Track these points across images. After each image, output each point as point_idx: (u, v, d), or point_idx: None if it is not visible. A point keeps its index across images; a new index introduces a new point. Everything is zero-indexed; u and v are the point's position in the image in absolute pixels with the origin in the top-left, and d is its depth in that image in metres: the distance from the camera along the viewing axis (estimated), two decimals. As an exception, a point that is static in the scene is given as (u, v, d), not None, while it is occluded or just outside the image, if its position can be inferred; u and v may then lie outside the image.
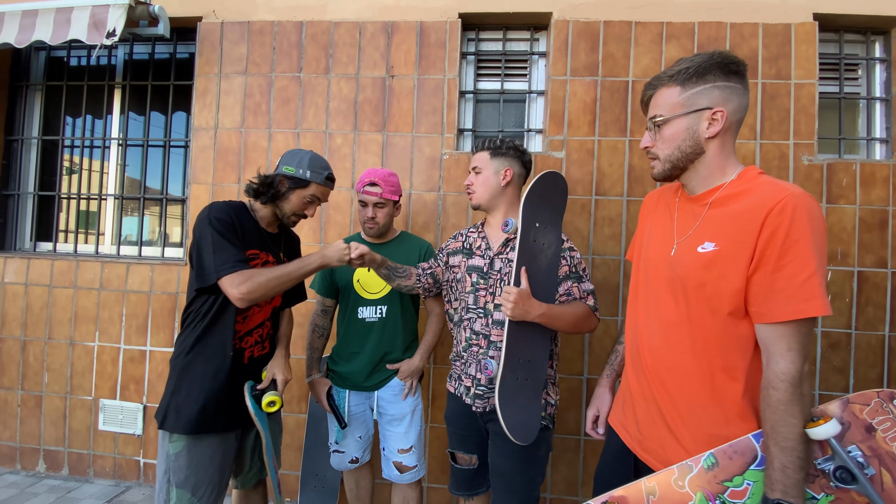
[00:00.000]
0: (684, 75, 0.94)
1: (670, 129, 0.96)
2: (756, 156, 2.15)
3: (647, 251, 1.10)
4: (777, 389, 0.82)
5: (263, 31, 2.35)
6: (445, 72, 2.26)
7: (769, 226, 0.82)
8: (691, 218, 0.98)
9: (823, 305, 0.80)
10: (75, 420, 2.43)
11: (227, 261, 1.27)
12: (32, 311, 2.46)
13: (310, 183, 1.44)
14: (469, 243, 1.57)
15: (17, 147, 2.64)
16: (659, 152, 0.99)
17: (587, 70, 2.20)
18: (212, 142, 2.37)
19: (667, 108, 0.96)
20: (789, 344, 0.82)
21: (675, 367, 0.98)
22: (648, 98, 1.01)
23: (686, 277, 0.95)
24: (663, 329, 1.01)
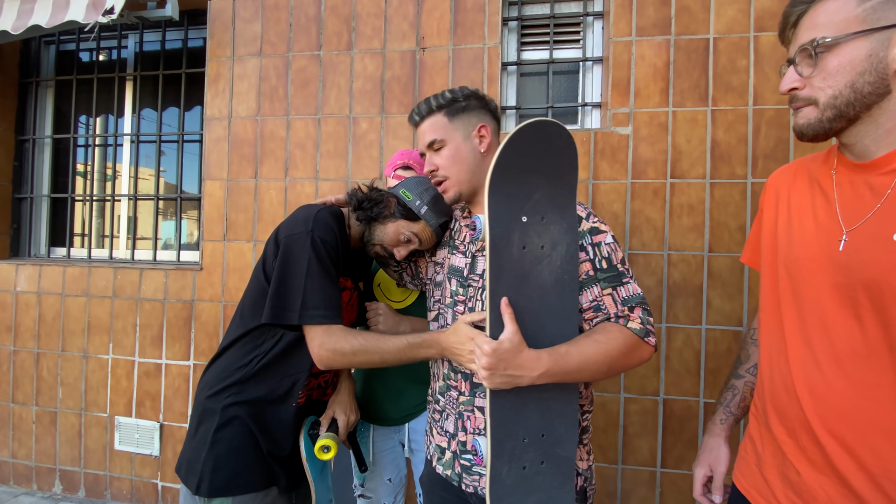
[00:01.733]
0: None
1: (840, 57, 0.64)
2: (876, 123, 1.73)
3: (793, 249, 0.77)
4: None
5: (279, 5, 2.09)
6: (485, 40, 1.94)
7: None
8: (868, 194, 0.67)
9: None
10: (91, 438, 2.26)
11: (321, 306, 0.98)
12: (45, 321, 2.30)
13: (420, 220, 1.10)
14: (454, 233, 1.13)
15: (28, 147, 2.50)
16: (817, 93, 0.67)
17: (657, 28, 1.83)
18: (226, 132, 2.13)
19: (835, 25, 0.64)
20: None
21: (866, 420, 0.65)
22: (798, 16, 0.69)
23: (877, 282, 0.64)
24: (840, 363, 0.68)
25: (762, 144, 1.77)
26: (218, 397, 1.06)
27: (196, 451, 1.05)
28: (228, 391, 1.05)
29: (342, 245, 1.06)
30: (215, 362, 1.12)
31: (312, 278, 0.99)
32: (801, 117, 0.71)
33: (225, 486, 1.02)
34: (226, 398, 1.05)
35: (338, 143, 2.04)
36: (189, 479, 1.04)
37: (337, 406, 1.18)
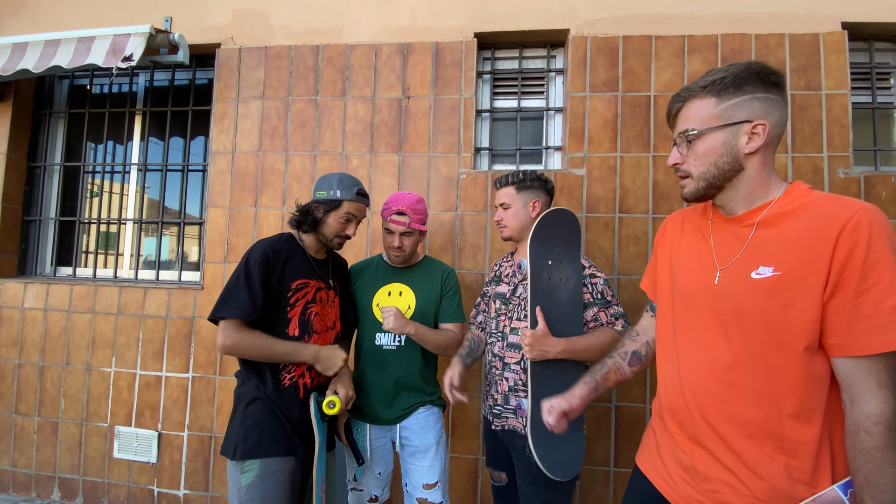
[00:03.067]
0: (720, 86, 0.85)
1: (705, 144, 0.87)
2: (788, 169, 2.06)
3: (681, 280, 0.99)
4: (871, 434, 0.72)
5: (280, 55, 2.37)
6: (462, 91, 2.24)
7: (844, 245, 0.74)
8: (734, 241, 0.89)
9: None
10: (90, 447, 2.40)
11: (234, 306, 1.33)
12: (51, 336, 2.45)
13: (341, 202, 1.47)
14: (500, 272, 1.67)
15: (39, 173, 2.69)
16: (692, 169, 0.90)
17: (607, 86, 2.15)
18: (229, 165, 2.37)
19: (700, 121, 0.87)
20: (879, 380, 0.73)
21: (733, 416, 0.86)
22: (677, 111, 0.92)
23: (741, 309, 0.84)
24: (715, 372, 0.88)
25: (695, 185, 2.09)
26: (244, 387, 1.42)
27: (232, 429, 1.36)
28: (250, 380, 1.41)
29: (289, 255, 1.44)
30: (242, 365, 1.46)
31: (235, 286, 1.34)
32: (683, 186, 0.95)
33: (254, 450, 1.33)
34: (250, 385, 1.41)
35: (331, 177, 2.29)
36: (227, 450, 1.36)
37: (339, 383, 1.49)
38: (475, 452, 2.14)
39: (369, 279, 1.70)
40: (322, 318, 1.50)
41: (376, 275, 1.71)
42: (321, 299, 1.50)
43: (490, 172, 2.21)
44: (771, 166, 0.88)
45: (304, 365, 1.45)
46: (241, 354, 1.36)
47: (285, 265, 1.42)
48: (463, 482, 2.13)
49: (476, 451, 2.14)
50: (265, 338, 1.36)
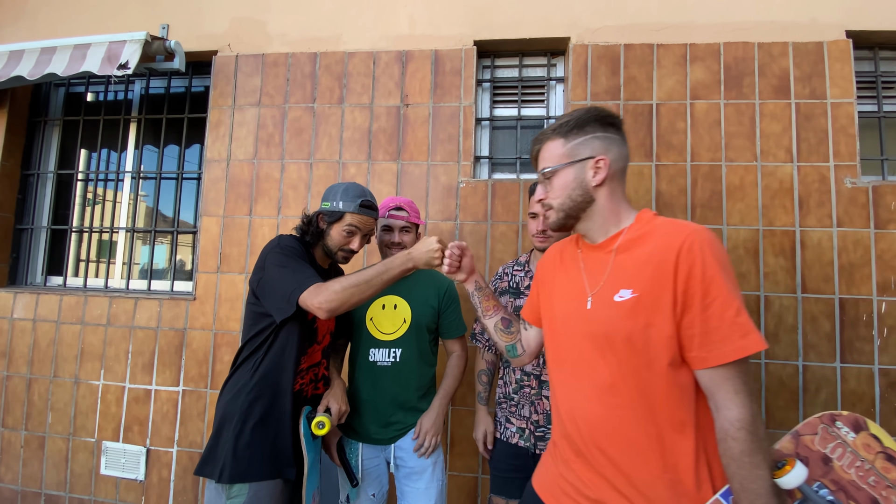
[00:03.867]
0: (566, 128, 0.96)
1: (559, 179, 0.96)
2: (794, 179, 2.02)
3: (559, 307, 1.03)
4: (737, 440, 0.75)
5: (277, 62, 2.34)
6: (461, 99, 2.21)
7: (683, 266, 0.81)
8: (599, 267, 0.95)
9: (760, 339, 0.77)
10: (77, 463, 2.32)
11: (307, 278, 1.24)
12: (39, 347, 2.39)
13: (343, 213, 1.38)
14: (515, 282, 1.59)
15: (32, 181, 2.65)
16: (552, 202, 0.98)
17: (608, 94, 2.12)
18: (224, 173, 2.33)
19: (552, 159, 0.97)
20: (736, 387, 0.77)
21: (618, 435, 0.88)
22: (537, 153, 1.02)
23: (610, 332, 0.88)
24: (598, 394, 0.91)
25: (699, 195, 2.05)
26: (235, 401, 1.29)
27: (220, 448, 1.26)
28: (242, 394, 1.30)
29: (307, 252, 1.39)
30: (231, 378, 1.37)
31: (290, 268, 1.26)
32: (547, 216, 1.01)
33: (245, 472, 1.22)
34: (242, 400, 1.29)
35: (328, 185, 2.23)
36: (212, 471, 1.23)
37: (331, 397, 1.42)
38: (474, 470, 2.07)
39: None
40: (321, 328, 1.44)
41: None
42: None
43: (490, 181, 2.16)
44: (620, 196, 0.96)
45: (312, 373, 1.40)
46: (343, 302, 1.20)
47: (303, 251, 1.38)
48: (462, 501, 2.05)
49: (475, 469, 2.07)
50: (348, 276, 1.25)
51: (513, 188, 2.15)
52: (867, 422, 0.81)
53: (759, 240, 2.01)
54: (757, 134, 2.05)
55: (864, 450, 0.80)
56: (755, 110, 2.07)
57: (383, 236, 1.61)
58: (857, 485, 0.78)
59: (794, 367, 1.97)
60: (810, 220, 2.00)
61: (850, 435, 0.81)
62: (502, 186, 2.15)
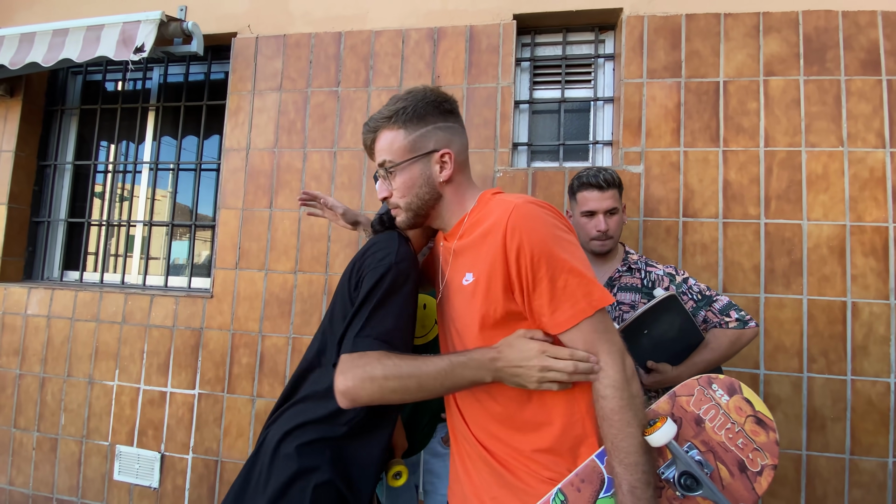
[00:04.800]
0: (404, 117, 0.86)
1: (404, 176, 0.88)
2: (887, 167, 1.74)
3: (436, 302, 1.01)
4: (606, 398, 0.74)
5: (300, 43, 2.17)
6: (499, 79, 2.00)
7: (511, 245, 0.77)
8: (447, 255, 0.93)
9: (603, 296, 0.76)
10: (90, 467, 2.21)
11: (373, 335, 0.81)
12: (53, 345, 2.29)
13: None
14: None
15: (49, 172, 2.55)
16: (399, 201, 0.90)
17: (668, 71, 1.88)
18: (243, 163, 2.18)
19: (394, 152, 0.88)
20: (597, 345, 0.76)
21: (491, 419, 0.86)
22: (371, 141, 0.92)
23: (460, 314, 0.87)
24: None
25: (774, 185, 1.79)
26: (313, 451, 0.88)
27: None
28: (324, 444, 0.89)
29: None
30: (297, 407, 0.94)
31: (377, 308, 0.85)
32: (395, 215, 0.94)
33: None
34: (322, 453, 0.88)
35: (352, 176, 2.07)
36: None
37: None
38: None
39: None
40: None
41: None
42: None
43: (530, 170, 1.95)
44: (466, 184, 0.92)
45: None
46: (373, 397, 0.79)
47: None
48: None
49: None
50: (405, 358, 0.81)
51: (556, 177, 1.93)
52: (742, 385, 0.81)
53: (845, 237, 1.74)
54: (843, 115, 1.78)
55: (736, 412, 0.80)
56: (840, 88, 1.79)
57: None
58: (725, 446, 0.79)
59: (886, 384, 1.70)
60: (907, 215, 1.72)
61: (724, 398, 0.81)
62: (544, 176, 1.94)
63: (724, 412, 0.80)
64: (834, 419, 1.72)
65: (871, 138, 1.76)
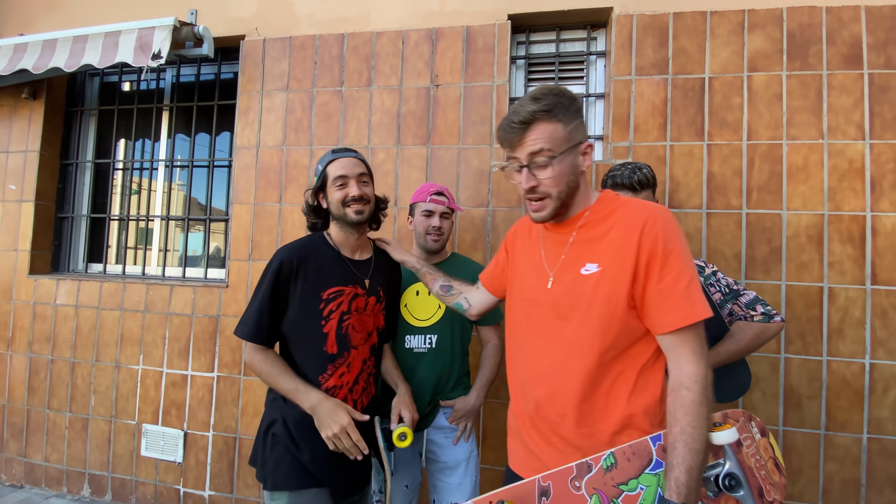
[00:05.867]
0: (562, 109, 0.90)
1: (562, 165, 0.92)
2: (866, 158, 1.82)
3: (524, 288, 1.06)
4: (690, 390, 0.83)
5: (305, 45, 2.28)
6: (494, 78, 2.09)
7: (645, 241, 0.87)
8: (559, 245, 1.00)
9: (705, 309, 0.85)
10: (119, 444, 2.39)
11: (244, 323, 1.23)
12: (82, 332, 2.46)
13: (325, 170, 1.30)
14: None
15: (71, 170, 2.70)
16: (550, 190, 0.93)
17: (655, 68, 1.96)
18: (253, 160, 2.31)
19: (555, 142, 0.90)
20: (693, 348, 0.85)
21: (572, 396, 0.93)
22: (522, 132, 0.91)
23: (574, 304, 0.93)
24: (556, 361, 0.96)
25: (756, 177, 1.88)
26: (273, 406, 1.27)
27: (259, 448, 1.26)
28: (278, 400, 1.25)
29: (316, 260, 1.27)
30: None
31: (252, 298, 1.25)
32: (538, 208, 0.96)
33: (282, 482, 1.19)
34: (278, 407, 1.25)
35: (356, 172, 2.19)
36: (258, 474, 1.24)
37: (402, 406, 1.33)
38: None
39: None
40: (360, 329, 1.29)
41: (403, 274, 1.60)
42: (357, 308, 1.29)
43: (524, 165, 2.05)
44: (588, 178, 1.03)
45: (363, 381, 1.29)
46: (258, 376, 1.26)
47: (313, 273, 1.24)
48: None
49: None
50: (274, 365, 1.23)
51: (549, 172, 2.03)
52: (769, 432, 0.97)
53: (823, 226, 1.83)
54: (824, 108, 1.86)
55: (763, 450, 0.95)
56: (822, 82, 1.87)
57: (423, 220, 1.55)
58: (752, 471, 0.91)
59: (860, 365, 1.80)
60: (883, 204, 1.81)
61: (757, 435, 0.96)
62: (538, 170, 2.04)
63: (756, 446, 0.94)
64: (810, 397, 1.83)
65: (851, 130, 1.84)
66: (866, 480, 1.79)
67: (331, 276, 1.26)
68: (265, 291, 1.21)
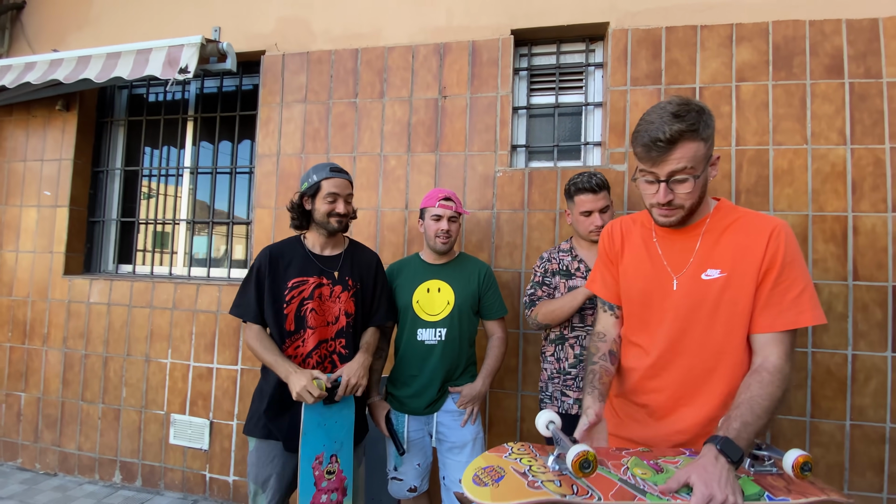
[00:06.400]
0: (703, 128, 0.92)
1: (700, 181, 0.95)
2: (847, 162, 1.95)
3: (638, 284, 1.10)
4: (771, 374, 0.91)
5: (321, 60, 2.44)
6: (498, 89, 2.24)
7: (770, 250, 0.94)
8: (683, 250, 1.04)
9: (813, 316, 0.92)
10: (149, 433, 2.56)
11: (238, 305, 1.56)
12: (114, 329, 2.64)
13: (319, 183, 1.53)
14: (565, 265, 1.72)
15: (102, 177, 2.89)
16: (685, 202, 0.97)
17: (649, 79, 2.10)
18: (274, 168, 2.47)
19: (697, 161, 0.93)
20: (785, 348, 0.93)
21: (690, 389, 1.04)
22: (667, 150, 0.92)
23: (696, 307, 1.01)
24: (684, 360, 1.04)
25: (744, 180, 2.01)
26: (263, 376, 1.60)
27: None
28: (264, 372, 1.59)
29: (286, 259, 1.56)
30: None
31: (240, 289, 1.58)
32: (670, 216, 1.00)
33: (251, 429, 1.54)
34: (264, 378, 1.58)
35: (370, 177, 2.35)
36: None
37: (345, 368, 1.52)
38: (512, 450, 2.15)
39: (408, 277, 1.75)
40: (321, 313, 1.54)
41: (415, 273, 1.75)
42: (320, 295, 1.55)
43: (527, 170, 2.20)
44: None
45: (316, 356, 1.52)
46: (251, 350, 1.55)
47: (284, 267, 1.54)
48: (500, 479, 2.14)
49: (513, 449, 2.14)
50: (262, 342, 1.51)
51: (550, 176, 2.17)
52: None
53: (808, 226, 1.96)
54: (808, 116, 1.99)
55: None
56: (805, 91, 2.00)
57: (433, 224, 1.70)
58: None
59: (843, 356, 1.93)
60: (864, 205, 1.93)
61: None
62: (539, 175, 2.19)
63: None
64: (796, 386, 1.96)
65: (834, 136, 1.97)
66: (849, 464, 1.91)
67: (297, 269, 1.55)
68: (248, 281, 1.56)
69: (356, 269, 1.64)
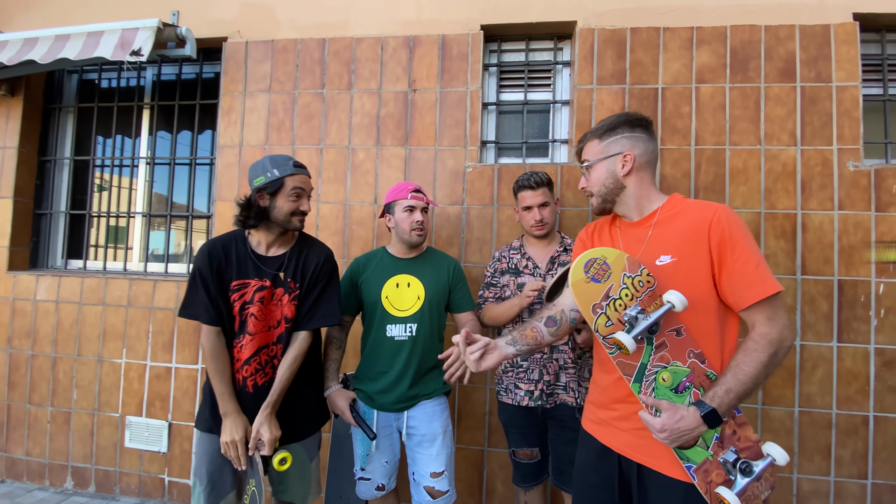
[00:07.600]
0: (601, 131, 1.19)
1: (595, 172, 1.19)
2: (797, 162, 2.04)
3: None
4: (756, 343, 0.99)
5: (287, 49, 2.37)
6: (468, 84, 2.24)
7: (714, 234, 1.03)
8: (637, 240, 1.15)
9: (775, 283, 1.00)
10: (102, 437, 2.44)
11: (189, 307, 1.45)
12: (63, 328, 2.49)
13: (283, 178, 1.42)
14: (514, 263, 1.79)
15: (49, 167, 2.72)
16: (591, 189, 1.22)
17: (614, 78, 2.14)
18: (236, 159, 2.39)
19: (591, 155, 1.21)
20: (767, 315, 1.00)
21: None
22: (579, 151, 1.25)
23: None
24: None
25: (703, 178, 2.08)
26: None
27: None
28: None
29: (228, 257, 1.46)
30: None
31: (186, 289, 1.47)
32: (592, 202, 1.24)
33: (197, 421, 1.52)
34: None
35: (337, 171, 2.30)
36: None
37: (261, 429, 1.39)
38: (480, 444, 2.16)
39: (375, 272, 1.72)
40: (261, 318, 1.45)
41: (383, 267, 1.73)
42: (262, 299, 1.44)
43: (496, 166, 2.21)
44: (649, 183, 1.17)
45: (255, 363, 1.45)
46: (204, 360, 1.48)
47: (222, 267, 1.44)
48: (469, 473, 2.15)
49: (482, 443, 2.16)
50: (216, 361, 1.42)
51: (518, 172, 2.18)
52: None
53: (760, 222, 2.05)
54: (762, 118, 2.07)
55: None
56: (760, 94, 2.08)
57: (406, 216, 1.67)
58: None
59: (792, 346, 2.03)
60: (812, 203, 2.03)
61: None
62: (508, 171, 2.20)
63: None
64: (749, 376, 2.05)
65: (785, 137, 2.06)
66: (798, 449, 2.02)
67: (238, 270, 1.45)
68: (194, 282, 1.45)
69: (300, 269, 1.51)
